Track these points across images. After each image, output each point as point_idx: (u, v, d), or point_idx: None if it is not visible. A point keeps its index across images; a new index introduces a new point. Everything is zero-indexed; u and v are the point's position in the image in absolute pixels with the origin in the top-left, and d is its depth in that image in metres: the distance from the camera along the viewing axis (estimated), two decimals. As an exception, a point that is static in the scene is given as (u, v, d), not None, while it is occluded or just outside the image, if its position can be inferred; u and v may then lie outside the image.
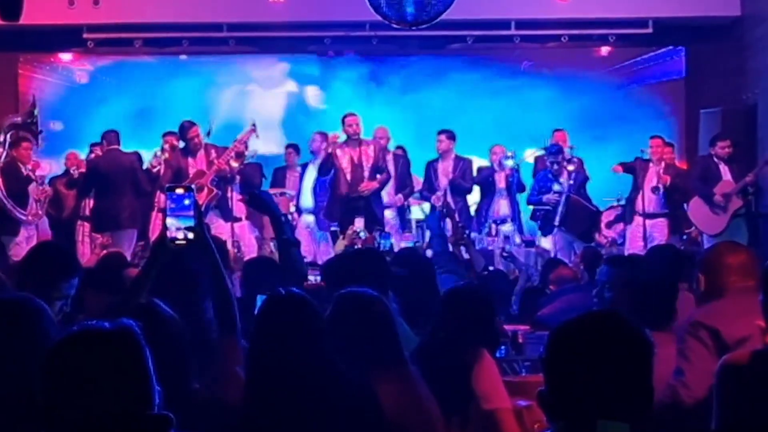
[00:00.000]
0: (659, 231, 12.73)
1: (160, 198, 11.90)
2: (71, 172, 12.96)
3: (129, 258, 9.63)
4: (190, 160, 12.32)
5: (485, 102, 15.71)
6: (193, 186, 4.33)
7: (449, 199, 12.77)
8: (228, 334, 3.97)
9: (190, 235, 3.94)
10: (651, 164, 12.82)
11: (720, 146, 12.35)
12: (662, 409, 4.04)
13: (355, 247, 10.51)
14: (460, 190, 13.29)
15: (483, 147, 13.98)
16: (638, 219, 12.80)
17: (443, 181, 13.25)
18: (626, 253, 11.89)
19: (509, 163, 13.28)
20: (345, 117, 12.87)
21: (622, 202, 13.31)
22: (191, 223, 3.94)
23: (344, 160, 12.62)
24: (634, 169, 12.96)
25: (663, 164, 12.69)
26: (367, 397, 3.65)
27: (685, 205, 12.69)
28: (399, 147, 13.84)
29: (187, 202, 3.96)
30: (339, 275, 5.06)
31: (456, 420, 4.38)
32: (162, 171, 12.34)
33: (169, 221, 3.96)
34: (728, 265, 4.61)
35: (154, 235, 11.35)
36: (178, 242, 3.96)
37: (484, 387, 4.45)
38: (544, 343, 2.73)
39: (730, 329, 4.29)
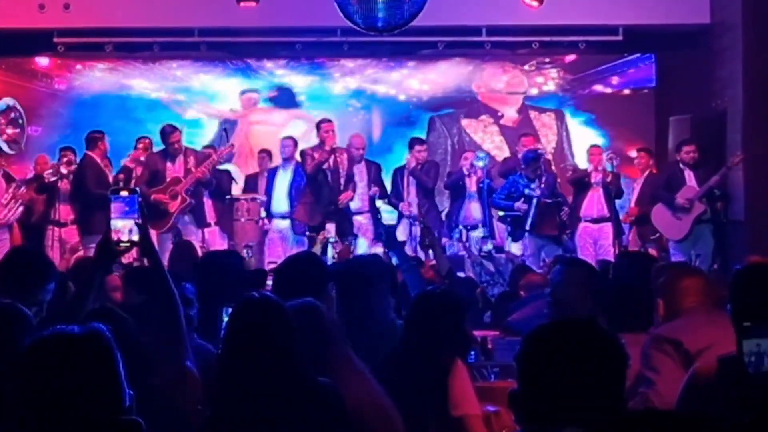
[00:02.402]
0: (605, 235, 12.75)
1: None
2: (43, 176, 12.83)
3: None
4: (168, 164, 12.27)
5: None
6: (137, 189, 4.33)
7: (414, 206, 12.74)
8: (174, 335, 4.01)
9: (135, 238, 3.96)
10: (592, 171, 12.89)
11: (685, 151, 12.33)
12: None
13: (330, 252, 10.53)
14: (422, 184, 13.06)
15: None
16: (584, 224, 12.84)
17: (411, 189, 13.12)
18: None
19: (480, 163, 13.22)
20: (321, 123, 12.79)
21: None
22: (137, 219, 3.96)
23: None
24: (579, 179, 13.05)
25: (602, 170, 12.78)
26: (336, 402, 3.66)
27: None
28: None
29: (133, 205, 3.97)
30: (281, 282, 5.08)
31: (432, 429, 4.40)
32: (140, 172, 12.36)
33: (114, 223, 3.96)
34: (685, 288, 4.72)
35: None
36: (122, 244, 3.98)
37: (454, 394, 4.47)
38: (513, 349, 2.75)
39: (692, 340, 4.38)
